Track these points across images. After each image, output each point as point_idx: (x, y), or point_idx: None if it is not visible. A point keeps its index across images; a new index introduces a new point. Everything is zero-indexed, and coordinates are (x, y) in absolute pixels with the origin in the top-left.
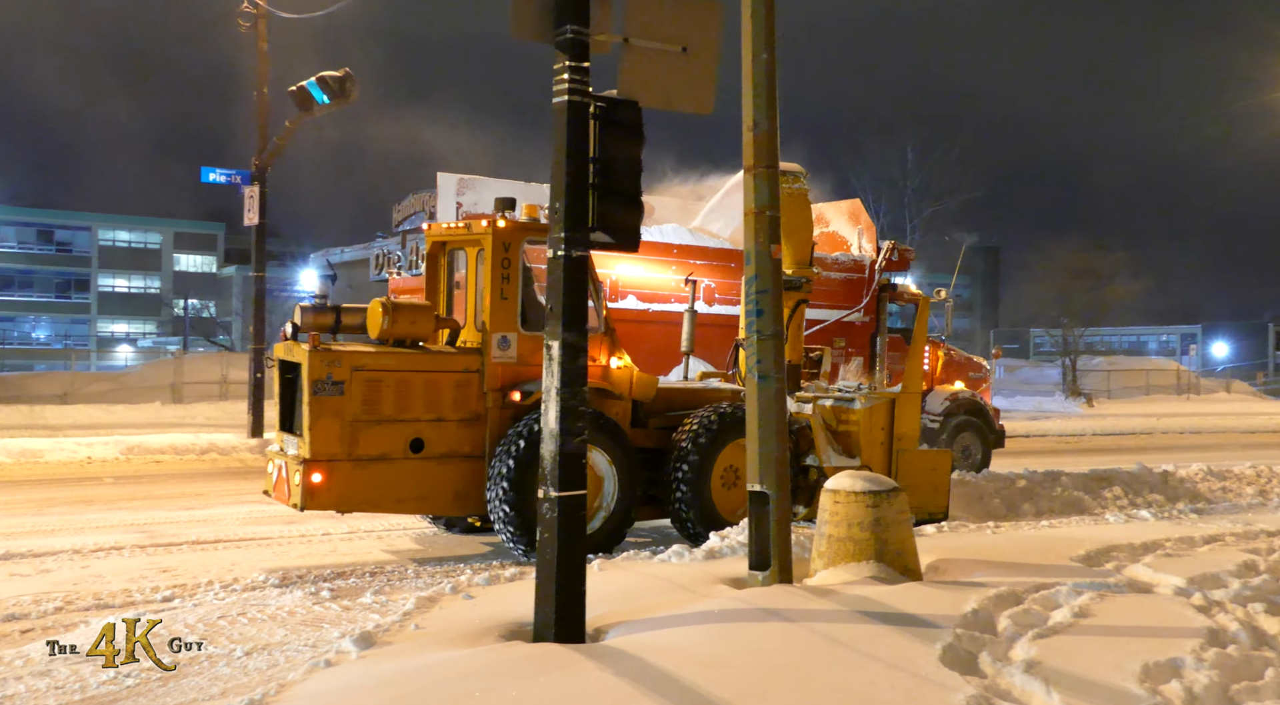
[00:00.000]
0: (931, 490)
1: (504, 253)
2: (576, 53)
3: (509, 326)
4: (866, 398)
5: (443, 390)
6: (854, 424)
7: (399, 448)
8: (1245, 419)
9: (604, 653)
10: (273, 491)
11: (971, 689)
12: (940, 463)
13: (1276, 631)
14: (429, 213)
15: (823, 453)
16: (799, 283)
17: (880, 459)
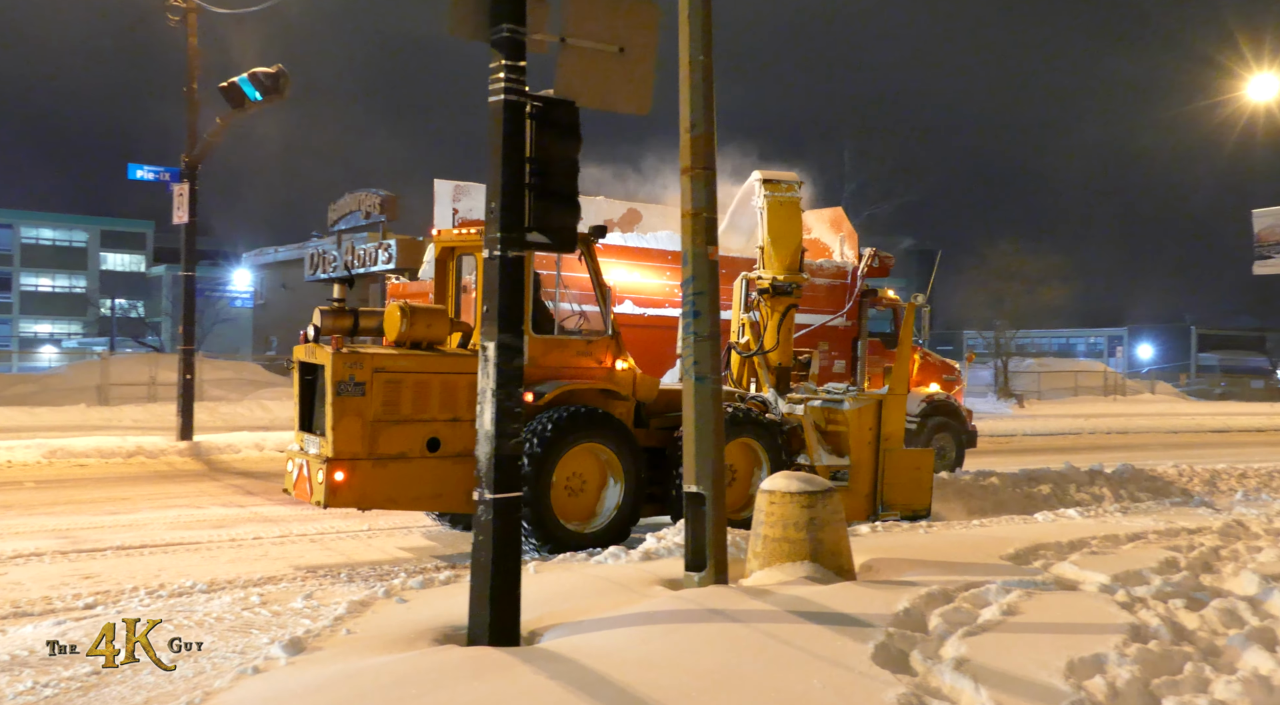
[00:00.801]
0: (915, 488)
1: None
2: (513, 52)
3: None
4: (855, 399)
5: (458, 391)
6: (843, 424)
7: (417, 447)
8: (1169, 419)
9: (539, 655)
10: (293, 489)
11: (903, 687)
12: (924, 462)
13: (1196, 626)
14: (365, 212)
15: (814, 452)
16: (790, 288)
17: (868, 458)
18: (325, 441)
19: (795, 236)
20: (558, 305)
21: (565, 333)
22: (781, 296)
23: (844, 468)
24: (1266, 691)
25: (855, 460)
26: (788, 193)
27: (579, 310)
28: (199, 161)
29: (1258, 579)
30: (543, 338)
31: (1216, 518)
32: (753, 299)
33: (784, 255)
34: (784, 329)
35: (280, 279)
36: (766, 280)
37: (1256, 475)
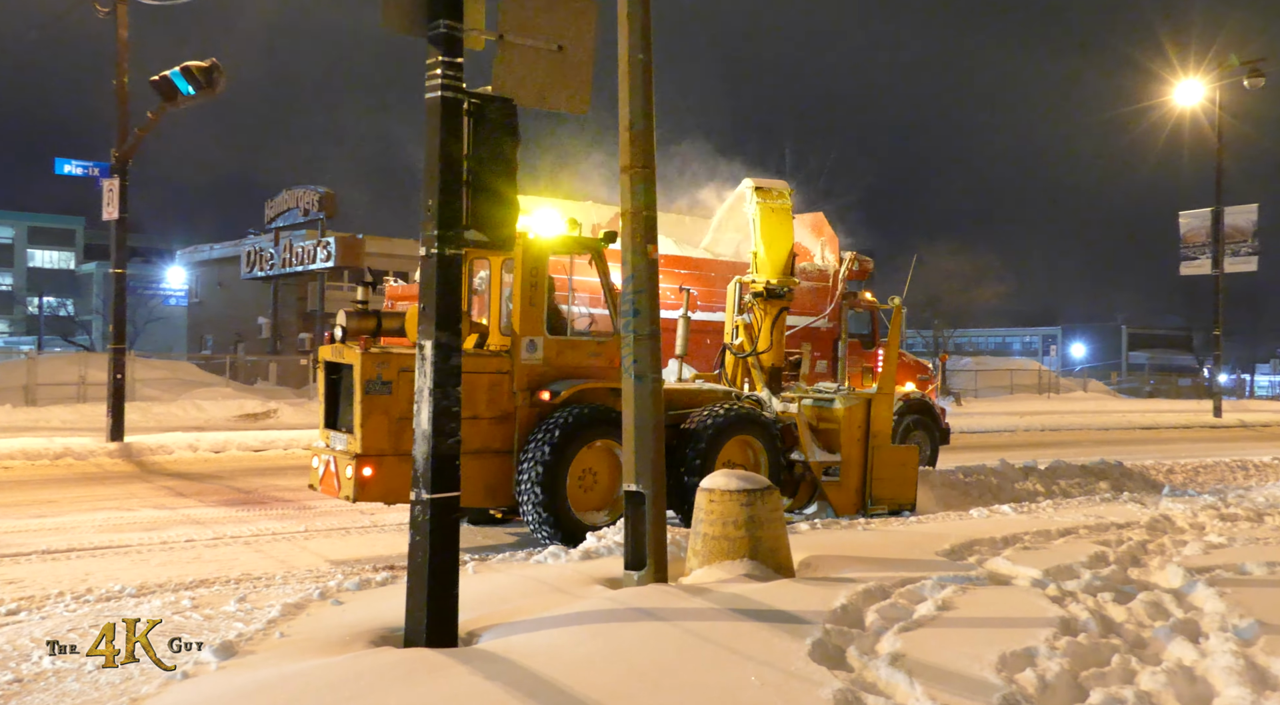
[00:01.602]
0: (902, 483)
1: (533, 263)
2: (449, 48)
3: (536, 331)
4: (845, 398)
5: (477, 390)
6: (834, 422)
7: None
8: (1100, 417)
9: (476, 656)
10: (319, 485)
11: (839, 683)
12: (910, 458)
13: (1123, 619)
14: (303, 209)
15: (807, 449)
16: (782, 291)
17: (858, 455)
18: (353, 438)
19: (787, 242)
20: (572, 309)
21: (577, 334)
22: (774, 300)
23: (835, 464)
24: (1189, 682)
25: (846, 457)
26: (779, 200)
27: (587, 313)
28: (129, 156)
29: (1182, 572)
30: (557, 339)
31: (1144, 513)
32: (746, 302)
33: (776, 260)
34: (776, 331)
35: (216, 277)
36: (760, 284)
37: (1183, 470)
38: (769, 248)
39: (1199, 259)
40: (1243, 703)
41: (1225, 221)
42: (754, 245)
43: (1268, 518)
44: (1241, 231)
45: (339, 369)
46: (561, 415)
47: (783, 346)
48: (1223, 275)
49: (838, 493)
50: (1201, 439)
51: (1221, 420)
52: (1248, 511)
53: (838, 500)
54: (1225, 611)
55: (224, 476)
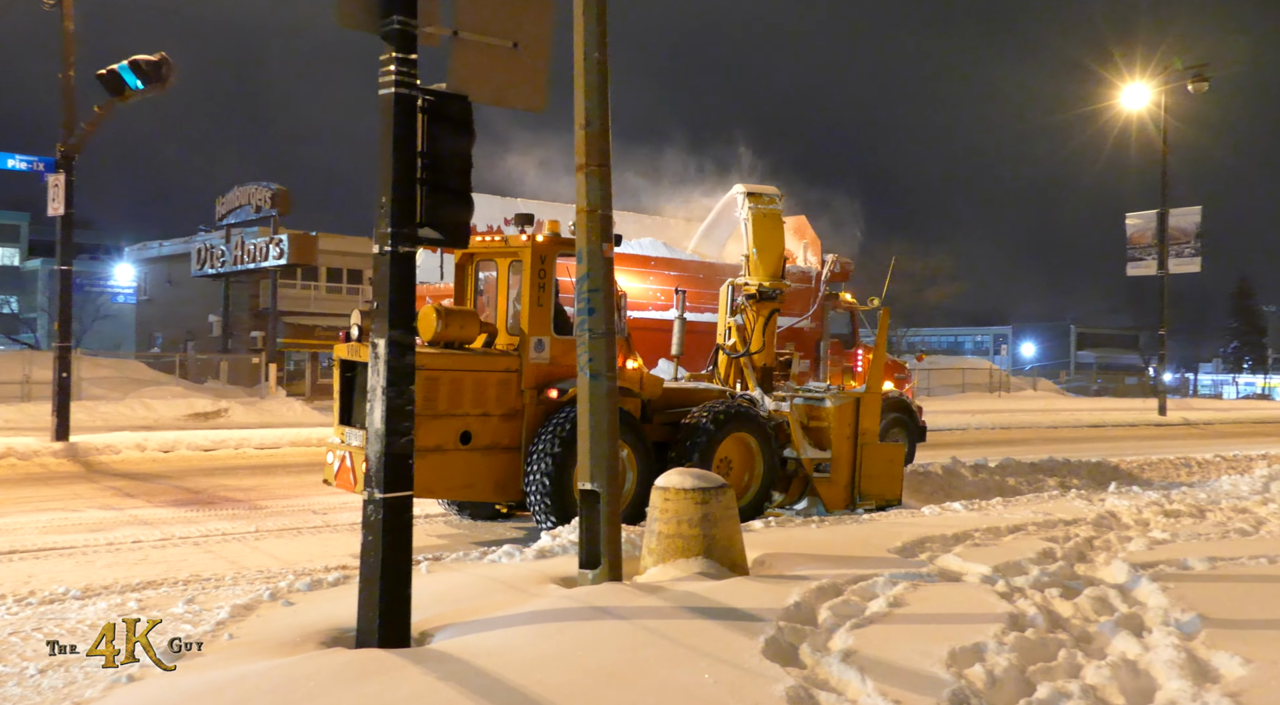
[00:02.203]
0: (889, 479)
1: (540, 265)
2: (404, 44)
3: (544, 331)
4: (835, 397)
5: (488, 388)
6: (824, 420)
7: (451, 440)
8: (1049, 415)
9: (429, 656)
10: (334, 480)
11: (791, 680)
12: (896, 455)
13: (1070, 615)
14: (255, 206)
15: (800, 446)
16: (774, 294)
17: (847, 452)
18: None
19: (778, 245)
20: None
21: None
22: (766, 301)
23: (826, 460)
24: (1133, 675)
25: (836, 454)
26: (770, 205)
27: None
28: (76, 151)
29: (1127, 568)
30: (562, 338)
31: (1091, 509)
32: (738, 303)
33: (768, 263)
34: (768, 332)
35: (166, 274)
36: (753, 286)
37: (1129, 468)
38: (761, 251)
39: (1145, 260)
40: (1184, 695)
41: (1170, 223)
42: (746, 248)
43: (1209, 514)
44: (1185, 233)
45: (354, 367)
46: (569, 412)
47: (774, 347)
48: (1168, 276)
49: (828, 489)
50: (1146, 437)
51: (1166, 418)
52: (1190, 507)
53: (828, 496)
54: (1168, 606)
55: (173, 476)
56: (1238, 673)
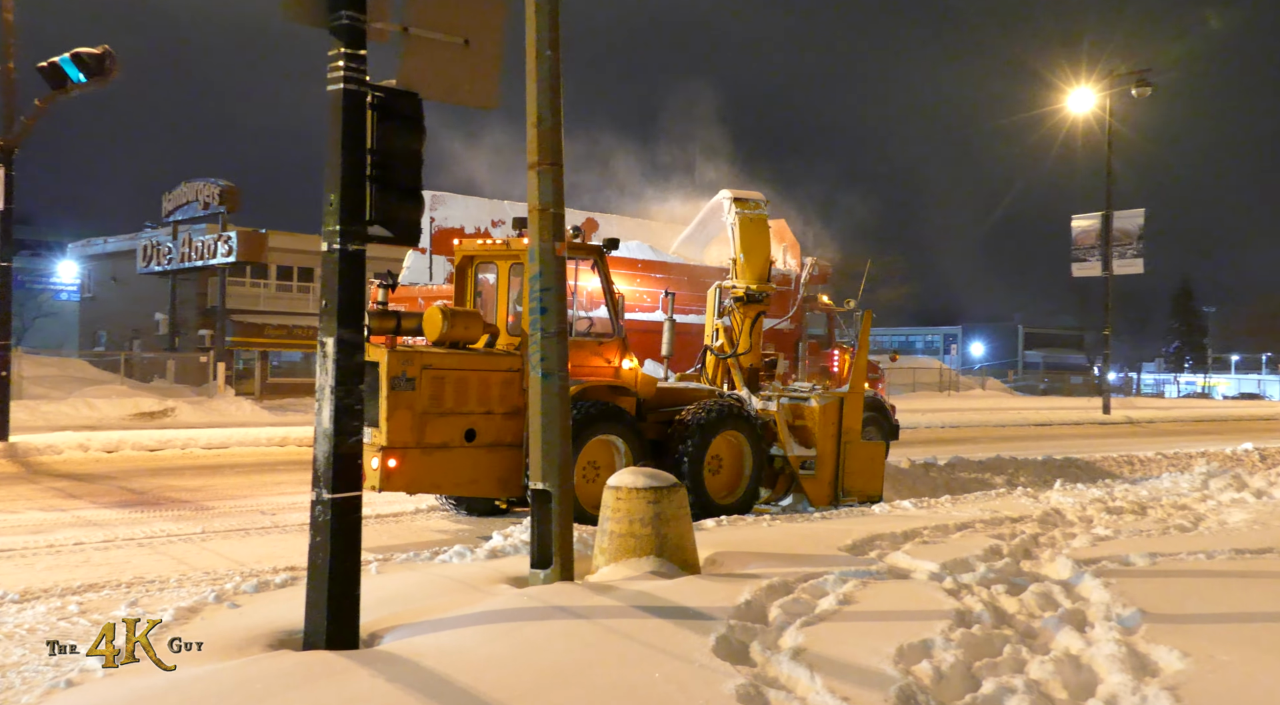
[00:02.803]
0: (871, 476)
1: None
2: (352, 39)
3: None
4: (820, 397)
5: (492, 387)
6: (809, 419)
7: (457, 437)
8: (997, 414)
9: (378, 658)
10: None
11: (741, 678)
12: (877, 453)
13: (1015, 610)
14: (203, 203)
15: (786, 444)
16: (761, 296)
17: (831, 450)
18: (379, 432)
19: (765, 249)
20: (576, 313)
21: (580, 335)
22: (753, 304)
23: (811, 458)
24: (1076, 670)
25: (820, 452)
26: (756, 210)
27: (587, 316)
28: (16, 145)
29: (1071, 564)
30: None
31: (1037, 506)
32: (726, 306)
33: (755, 266)
34: (755, 333)
35: (110, 271)
36: (741, 289)
37: (1074, 465)
38: (748, 255)
39: (1090, 261)
40: (1124, 689)
41: (1114, 225)
42: (734, 253)
43: (1151, 510)
44: (1129, 235)
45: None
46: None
47: (760, 349)
48: (1112, 277)
49: (813, 485)
50: (1091, 435)
51: (1110, 417)
52: (1132, 504)
53: (813, 492)
54: (1110, 601)
55: (117, 477)
56: (1176, 666)
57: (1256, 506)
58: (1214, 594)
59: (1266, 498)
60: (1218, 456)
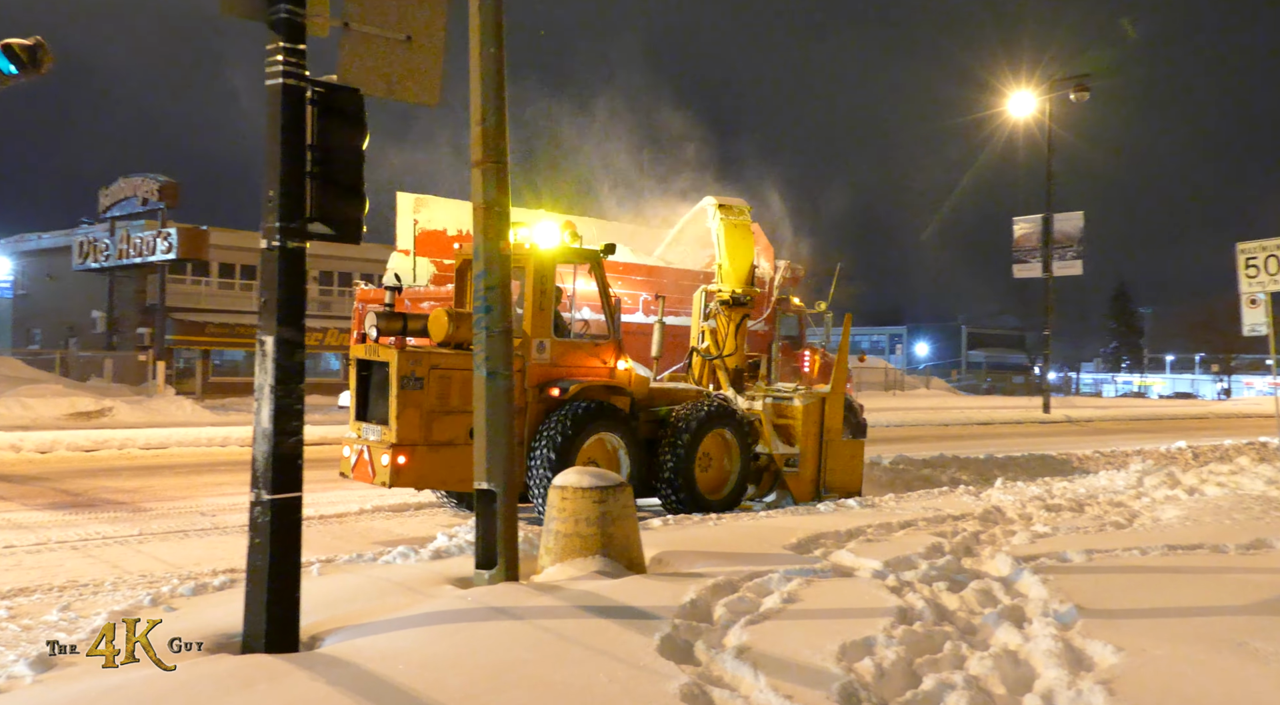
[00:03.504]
0: (850, 473)
1: (542, 270)
2: (291, 33)
3: (545, 333)
4: (803, 397)
5: None
6: (792, 418)
7: (462, 435)
8: (941, 413)
9: (318, 661)
10: (351, 473)
11: (686, 677)
12: (857, 451)
13: (956, 607)
14: (141, 198)
15: (771, 442)
16: (745, 300)
17: (813, 448)
18: (388, 429)
19: (748, 255)
20: (573, 315)
21: (578, 337)
22: (738, 307)
23: (795, 456)
24: (1014, 665)
25: (803, 450)
26: (739, 216)
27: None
28: None
29: (1011, 561)
30: (561, 341)
31: (978, 504)
32: (711, 309)
33: (739, 271)
34: (739, 336)
35: (45, 268)
36: (726, 293)
37: (1014, 464)
38: (732, 260)
39: (1030, 262)
40: (1060, 684)
41: (1054, 228)
42: (719, 258)
43: (1088, 508)
44: (1069, 237)
45: (369, 366)
46: (570, 409)
47: (744, 350)
48: (1052, 278)
49: (796, 482)
50: (1032, 433)
51: (1050, 416)
52: (1070, 502)
53: (796, 489)
54: (1048, 597)
55: (51, 478)
56: (1110, 661)
57: (1189, 503)
58: (1147, 589)
59: (1198, 495)
60: (1152, 455)
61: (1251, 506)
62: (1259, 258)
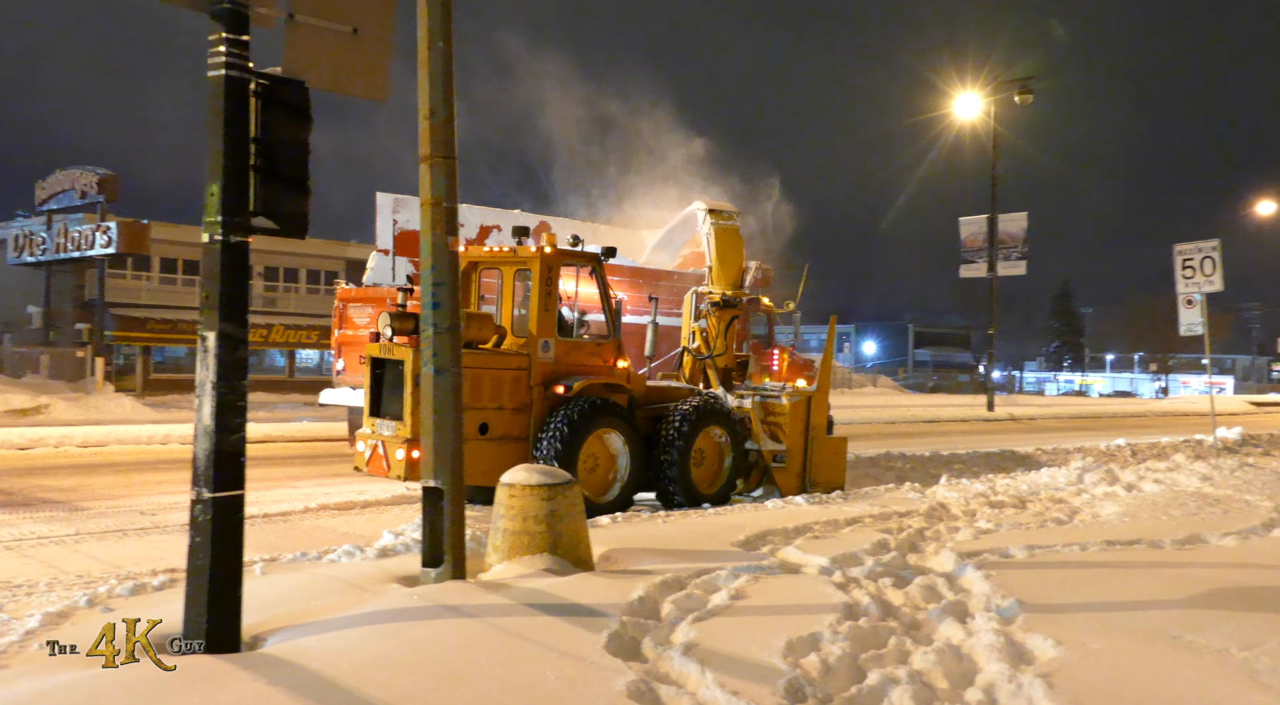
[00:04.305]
0: (834, 468)
1: (547, 274)
2: (234, 24)
3: (550, 333)
4: (789, 395)
5: (503, 384)
6: (780, 416)
7: (472, 430)
8: (888, 411)
9: (260, 661)
10: (366, 467)
11: (633, 674)
12: (840, 447)
13: (901, 603)
14: (80, 191)
15: (760, 438)
16: (735, 302)
17: (799, 444)
18: (403, 425)
19: (738, 258)
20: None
21: (581, 337)
22: (727, 309)
23: (783, 452)
24: (957, 660)
25: (789, 446)
26: (729, 221)
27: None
28: None
29: (954, 557)
30: (565, 341)
31: (924, 501)
32: (702, 310)
33: (730, 274)
34: (729, 336)
35: None
36: (717, 295)
37: (959, 461)
38: (722, 263)
39: (977, 262)
40: (1001, 677)
41: (999, 228)
42: (709, 260)
43: (1030, 504)
44: (1013, 238)
45: (383, 364)
46: (574, 406)
47: (734, 351)
48: (996, 278)
49: (784, 477)
50: (976, 431)
51: (994, 414)
52: (1013, 499)
53: (784, 483)
54: (990, 593)
55: None
56: (1050, 654)
57: (1127, 500)
58: (1087, 584)
59: (1136, 491)
60: (1092, 452)
61: (1187, 503)
62: (1195, 259)
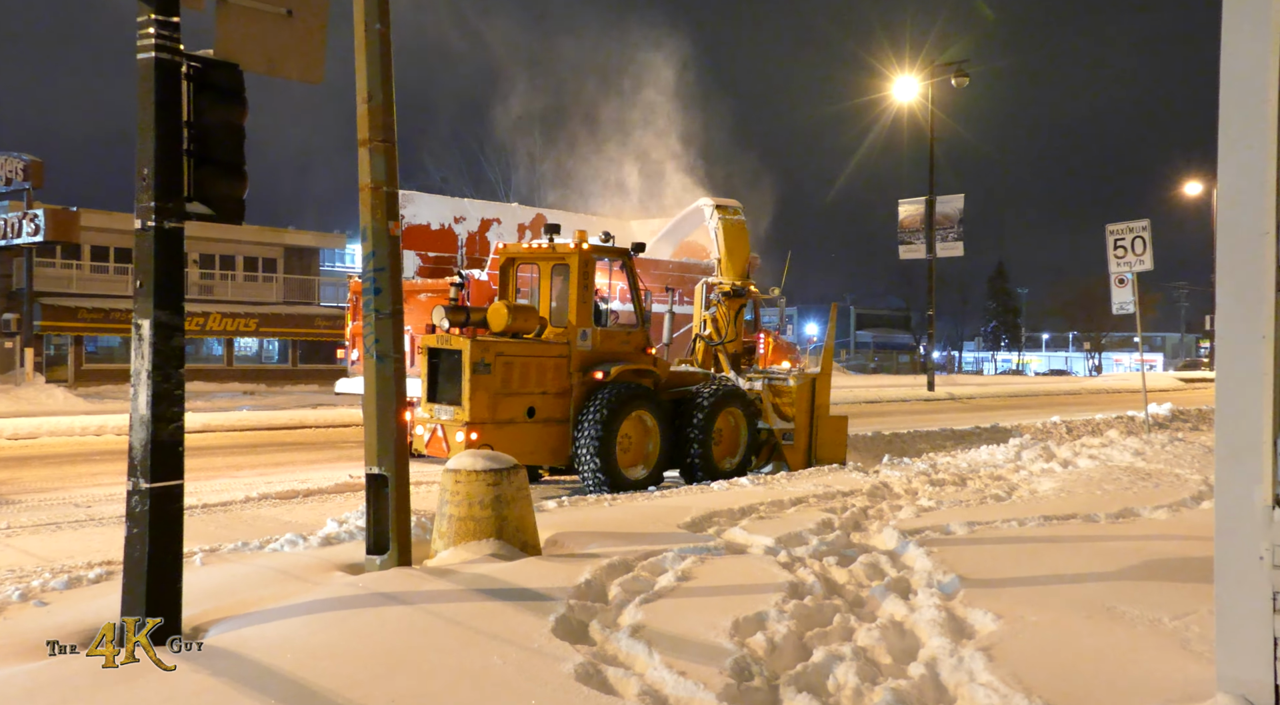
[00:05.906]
0: (837, 445)
1: (584, 267)
2: (163, 5)
3: (587, 323)
4: (796, 377)
5: (547, 371)
6: (787, 396)
7: (521, 414)
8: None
9: (200, 653)
10: (425, 449)
11: (580, 657)
12: (841, 425)
13: (845, 581)
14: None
15: (770, 418)
16: (743, 292)
17: (805, 423)
18: (461, 409)
19: (745, 250)
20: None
21: (613, 325)
22: (736, 298)
23: (791, 430)
24: (900, 636)
25: (796, 424)
26: (735, 215)
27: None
28: None
29: (897, 535)
30: (600, 329)
31: (867, 480)
32: (712, 299)
33: (737, 265)
34: (738, 324)
35: None
36: (726, 285)
37: (901, 441)
38: (730, 255)
39: (915, 244)
40: (943, 651)
41: (937, 210)
42: (718, 253)
43: (970, 481)
44: (950, 219)
45: (439, 354)
46: (611, 391)
47: (742, 337)
48: (935, 259)
49: (792, 454)
50: (917, 411)
51: (934, 393)
52: (953, 476)
53: (791, 459)
54: (932, 569)
55: None
56: (990, 628)
57: (1063, 476)
58: (1025, 559)
59: (1071, 467)
60: (1030, 429)
61: (1120, 477)
62: (1126, 239)
